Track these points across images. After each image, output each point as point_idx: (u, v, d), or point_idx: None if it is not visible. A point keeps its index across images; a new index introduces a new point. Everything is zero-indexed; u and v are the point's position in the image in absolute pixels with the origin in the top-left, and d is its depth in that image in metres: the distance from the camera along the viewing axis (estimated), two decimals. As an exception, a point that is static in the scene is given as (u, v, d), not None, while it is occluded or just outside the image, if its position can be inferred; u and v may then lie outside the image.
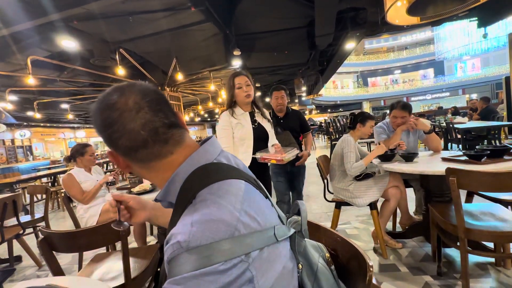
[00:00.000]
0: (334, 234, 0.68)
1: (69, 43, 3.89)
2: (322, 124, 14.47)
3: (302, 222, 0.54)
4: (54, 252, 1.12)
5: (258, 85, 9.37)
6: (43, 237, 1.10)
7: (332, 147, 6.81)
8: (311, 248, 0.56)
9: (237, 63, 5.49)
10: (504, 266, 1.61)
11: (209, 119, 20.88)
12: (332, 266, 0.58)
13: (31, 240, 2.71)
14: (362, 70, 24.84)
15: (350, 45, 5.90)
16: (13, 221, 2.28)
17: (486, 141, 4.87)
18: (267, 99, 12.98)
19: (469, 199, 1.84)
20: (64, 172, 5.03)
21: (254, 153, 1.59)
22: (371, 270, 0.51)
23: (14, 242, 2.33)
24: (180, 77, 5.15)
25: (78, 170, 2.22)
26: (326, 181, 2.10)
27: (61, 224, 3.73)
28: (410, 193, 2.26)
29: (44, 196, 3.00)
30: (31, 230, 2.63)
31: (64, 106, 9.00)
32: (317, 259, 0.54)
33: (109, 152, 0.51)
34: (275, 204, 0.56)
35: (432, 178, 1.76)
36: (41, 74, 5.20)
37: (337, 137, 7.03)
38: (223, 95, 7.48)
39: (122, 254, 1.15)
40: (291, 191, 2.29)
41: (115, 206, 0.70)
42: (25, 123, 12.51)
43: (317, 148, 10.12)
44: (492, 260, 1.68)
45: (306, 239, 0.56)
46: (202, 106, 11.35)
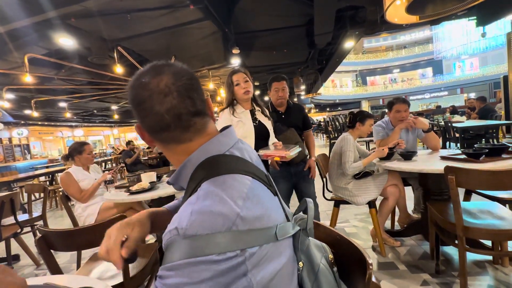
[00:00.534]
0: (333, 232, 0.68)
1: (66, 41, 3.86)
2: (321, 123, 14.49)
3: (308, 220, 0.54)
4: (52, 250, 1.12)
5: (257, 83, 9.35)
6: (41, 235, 1.09)
7: (331, 146, 6.82)
8: (315, 248, 0.56)
9: (236, 62, 5.48)
10: (501, 264, 1.62)
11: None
12: (334, 268, 0.57)
13: (29, 239, 2.70)
14: (361, 69, 24.85)
15: (349, 43, 5.89)
16: (11, 219, 2.27)
17: (484, 140, 4.90)
18: (266, 98, 12.97)
19: (467, 198, 1.85)
20: (62, 170, 5.00)
21: (256, 151, 1.58)
22: (371, 268, 0.51)
23: (12, 241, 2.32)
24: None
25: (76, 169, 2.21)
26: (325, 179, 2.10)
27: (59, 222, 3.72)
28: (409, 191, 2.27)
29: (42, 194, 2.99)
30: (29, 228, 2.62)
31: (62, 104, 8.95)
32: (319, 260, 0.54)
33: (136, 126, 0.55)
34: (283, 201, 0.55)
35: (430, 176, 1.76)
36: (38, 72, 5.17)
37: (336, 135, 7.04)
38: (222, 94, 7.47)
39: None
40: (300, 199, 1.98)
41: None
42: (22, 122, 12.44)
43: (316, 146, 10.12)
44: (489, 258, 1.69)
45: (310, 238, 0.55)
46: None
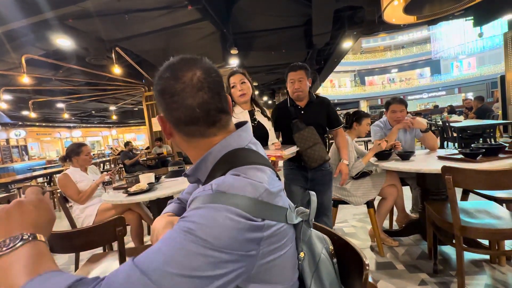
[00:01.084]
0: (331, 232, 0.68)
1: (64, 42, 3.84)
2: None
3: (310, 212, 0.56)
4: (51, 252, 1.11)
5: (255, 84, 9.35)
6: (38, 237, 1.09)
7: (329, 146, 6.83)
8: (316, 238, 0.57)
9: (234, 62, 5.48)
10: (498, 263, 1.63)
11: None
12: (334, 259, 0.59)
13: (27, 240, 2.69)
14: (359, 69, 24.91)
15: (347, 44, 5.90)
16: (8, 221, 2.25)
17: (481, 139, 4.92)
18: (265, 98, 12.97)
19: (464, 197, 1.86)
20: (60, 172, 4.98)
21: None
22: (367, 268, 0.51)
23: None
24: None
25: (74, 170, 2.20)
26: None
27: (57, 224, 3.70)
28: (407, 191, 2.28)
29: (39, 196, 2.96)
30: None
31: (59, 105, 8.91)
32: (320, 250, 0.55)
33: (159, 116, 0.54)
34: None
35: (428, 176, 1.77)
36: (36, 73, 5.15)
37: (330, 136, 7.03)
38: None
39: (118, 254, 1.14)
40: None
41: None
42: (20, 123, 12.37)
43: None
44: (487, 257, 1.70)
45: (312, 229, 0.57)
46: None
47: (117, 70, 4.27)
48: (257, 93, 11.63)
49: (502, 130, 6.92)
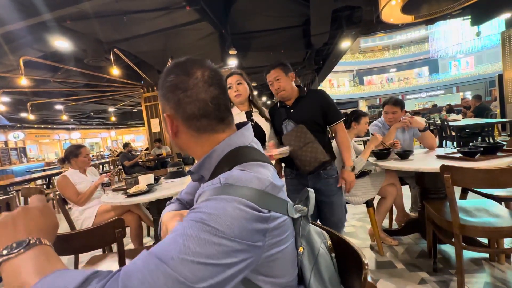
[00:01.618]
0: (330, 232, 0.68)
1: (62, 43, 3.83)
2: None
3: (309, 207, 0.58)
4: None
5: (254, 84, 9.34)
6: (37, 240, 1.08)
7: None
8: (315, 233, 0.59)
9: (233, 63, 5.47)
10: (498, 261, 1.63)
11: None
12: (332, 254, 0.60)
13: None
14: (358, 69, 24.95)
15: (345, 43, 5.91)
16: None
17: (480, 138, 4.93)
18: (264, 98, 12.97)
19: (463, 196, 1.86)
20: (59, 174, 4.97)
21: None
22: (366, 268, 0.51)
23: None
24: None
25: (73, 172, 2.20)
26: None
27: (56, 226, 3.69)
28: (406, 190, 2.28)
29: (38, 198, 2.95)
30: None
31: (58, 107, 8.88)
32: (319, 244, 0.57)
33: (166, 115, 0.55)
34: None
35: (427, 175, 1.77)
36: (34, 75, 5.13)
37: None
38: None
39: (118, 256, 1.14)
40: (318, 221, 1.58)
41: None
42: (18, 125, 12.32)
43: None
44: (486, 255, 1.70)
45: (310, 225, 0.58)
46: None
47: (115, 72, 4.26)
48: (256, 93, 11.61)
49: (500, 128, 6.94)
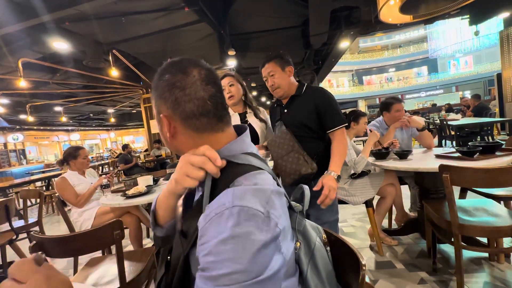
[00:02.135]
0: (328, 232, 0.68)
1: (61, 45, 3.83)
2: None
3: (304, 203, 0.58)
4: (49, 257, 1.11)
5: (253, 84, 9.35)
6: (35, 242, 1.08)
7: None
8: (310, 228, 0.59)
9: (232, 63, 5.47)
10: (497, 261, 1.63)
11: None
12: (327, 247, 0.60)
13: (25, 245, 2.67)
14: (357, 69, 24.96)
15: (344, 43, 5.92)
16: (6, 226, 2.24)
17: (479, 137, 4.94)
18: (263, 99, 12.97)
19: (463, 195, 1.86)
20: (58, 175, 4.96)
21: None
22: (364, 268, 0.51)
23: (8, 247, 2.29)
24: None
25: (72, 174, 2.19)
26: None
27: (55, 228, 3.69)
28: (405, 190, 2.28)
29: (38, 200, 2.96)
30: (25, 235, 2.59)
31: (57, 108, 8.88)
32: (315, 238, 0.57)
33: (163, 116, 0.52)
34: None
35: (426, 175, 1.78)
36: (33, 77, 5.12)
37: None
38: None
39: (116, 258, 1.13)
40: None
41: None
42: (17, 127, 12.30)
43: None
44: (486, 255, 1.70)
45: (305, 219, 0.58)
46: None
47: (114, 73, 4.26)
48: (255, 93, 11.63)
49: (499, 127, 6.94)
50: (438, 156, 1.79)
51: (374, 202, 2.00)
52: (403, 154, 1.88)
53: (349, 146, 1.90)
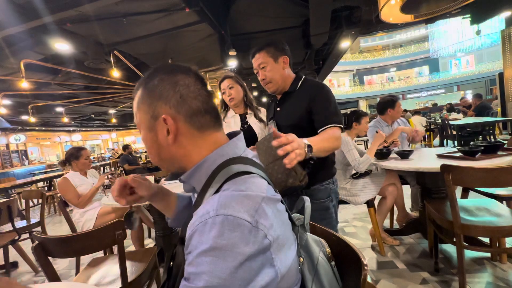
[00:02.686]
0: (329, 233, 0.68)
1: (62, 46, 3.84)
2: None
3: (305, 216, 0.56)
4: (51, 257, 1.11)
5: (254, 85, 9.35)
6: (38, 243, 1.09)
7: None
8: (313, 242, 0.57)
9: (232, 64, 5.48)
10: (500, 261, 1.63)
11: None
12: (332, 262, 0.58)
13: (27, 245, 2.68)
14: (358, 69, 24.92)
15: (345, 43, 5.91)
16: (8, 227, 2.25)
17: (481, 137, 4.92)
18: (264, 99, 12.97)
19: (464, 195, 1.86)
20: (60, 176, 4.98)
21: None
22: (366, 269, 0.51)
23: (10, 248, 2.30)
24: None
25: (74, 174, 2.20)
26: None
27: (57, 228, 3.70)
28: (407, 190, 2.28)
29: (40, 200, 2.97)
30: (27, 235, 2.60)
31: (59, 109, 8.91)
32: (317, 253, 0.55)
33: (163, 118, 0.50)
34: None
35: (427, 175, 1.77)
36: (34, 78, 5.15)
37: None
38: (219, 96, 7.46)
39: (118, 258, 1.14)
40: None
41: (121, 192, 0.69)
42: (19, 127, 12.36)
43: (314, 147, 10.11)
44: (488, 255, 1.69)
45: (308, 233, 0.57)
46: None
47: (115, 74, 4.27)
48: (256, 94, 11.61)
49: (501, 127, 6.91)
50: (439, 156, 1.79)
51: (376, 202, 2.00)
52: (405, 154, 1.87)
53: (351, 146, 1.90)
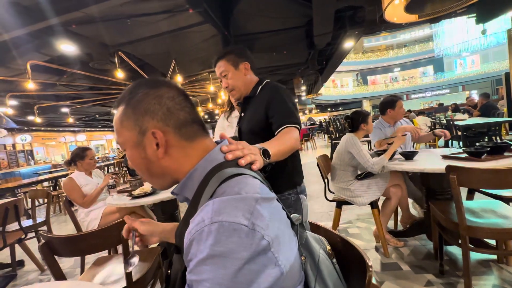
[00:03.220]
0: (333, 234, 0.68)
1: (68, 47, 3.89)
2: (323, 123, 14.46)
3: (303, 214, 0.57)
4: (56, 256, 1.13)
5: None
6: (44, 241, 1.10)
7: (332, 146, 6.80)
8: (313, 240, 0.57)
9: (236, 64, 5.49)
10: (506, 263, 1.61)
11: (209, 120, 20.91)
12: (334, 259, 0.58)
13: (33, 244, 2.72)
14: (362, 69, 24.80)
15: (348, 43, 5.89)
16: (15, 225, 2.28)
17: (487, 137, 4.86)
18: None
19: (470, 196, 1.84)
20: (65, 176, 5.04)
21: None
22: (371, 270, 0.51)
23: (17, 246, 2.33)
24: (179, 79, 5.15)
25: (79, 174, 2.23)
26: (326, 180, 2.10)
27: (63, 228, 3.74)
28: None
29: (45, 200, 3.01)
30: (33, 234, 2.63)
31: (64, 110, 9.01)
32: (318, 251, 0.55)
33: (151, 132, 0.50)
34: None
35: (432, 175, 1.76)
36: (40, 79, 5.22)
37: (337, 136, 7.02)
38: (223, 96, 7.48)
39: (123, 257, 1.15)
40: None
41: (127, 236, 0.70)
42: (25, 128, 12.54)
43: (317, 147, 10.11)
44: (494, 257, 1.67)
45: (307, 231, 0.57)
46: (202, 107, 11.36)
47: (120, 74, 4.31)
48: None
49: (508, 127, 6.82)
50: (444, 156, 1.77)
51: (380, 203, 1.99)
52: (409, 155, 1.86)
53: (360, 147, 1.88)
